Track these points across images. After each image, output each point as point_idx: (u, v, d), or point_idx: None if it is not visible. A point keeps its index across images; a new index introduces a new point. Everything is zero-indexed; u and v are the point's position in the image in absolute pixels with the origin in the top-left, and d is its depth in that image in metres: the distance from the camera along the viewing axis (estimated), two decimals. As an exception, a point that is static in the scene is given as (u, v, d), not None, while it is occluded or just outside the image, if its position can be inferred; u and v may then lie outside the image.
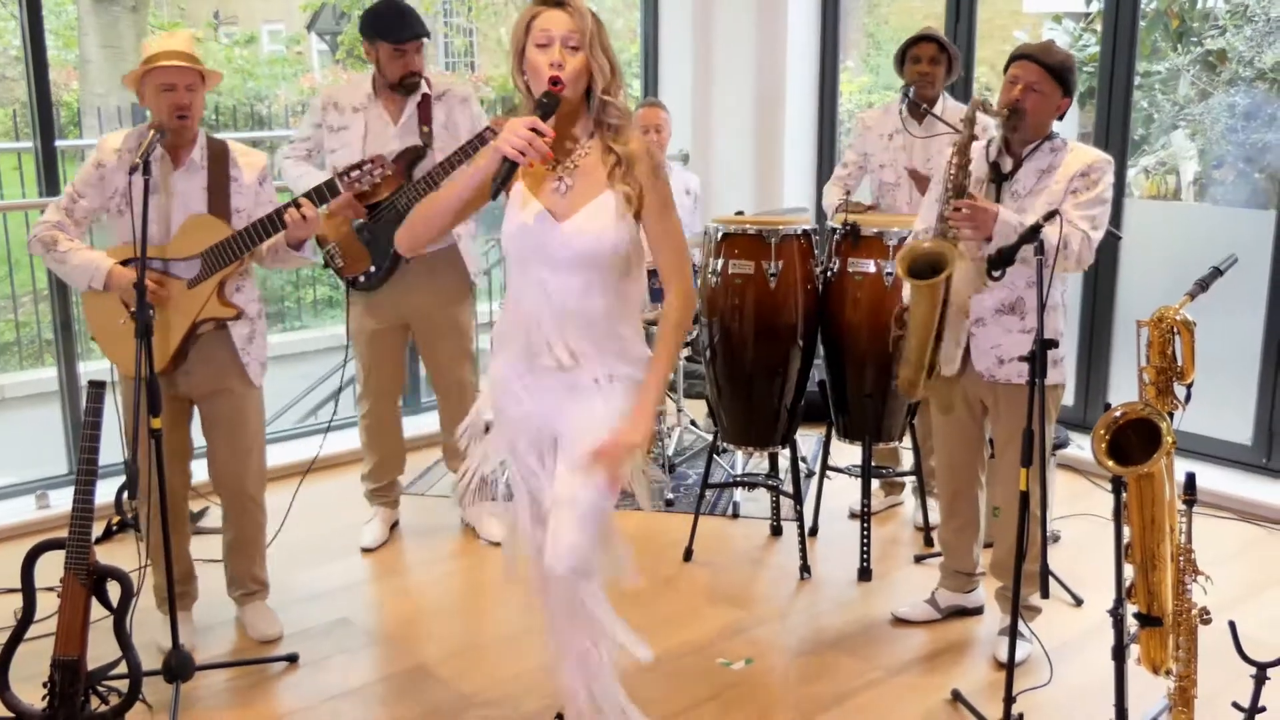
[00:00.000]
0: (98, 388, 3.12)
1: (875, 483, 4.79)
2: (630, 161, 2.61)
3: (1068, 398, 5.43)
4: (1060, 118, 3.46)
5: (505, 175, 2.51)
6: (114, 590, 3.13)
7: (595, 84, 2.59)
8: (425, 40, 4.19)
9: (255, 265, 3.61)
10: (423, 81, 4.20)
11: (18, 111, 9.23)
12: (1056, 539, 4.46)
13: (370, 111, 4.19)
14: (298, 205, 3.39)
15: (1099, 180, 3.31)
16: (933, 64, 4.42)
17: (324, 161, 4.26)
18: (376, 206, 4.12)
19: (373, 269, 4.20)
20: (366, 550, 4.46)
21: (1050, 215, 2.99)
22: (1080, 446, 4.63)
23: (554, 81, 2.54)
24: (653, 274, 4.80)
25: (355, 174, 3.54)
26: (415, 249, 2.80)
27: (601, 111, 2.62)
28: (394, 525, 4.64)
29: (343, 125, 4.20)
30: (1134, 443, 2.87)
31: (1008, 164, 3.43)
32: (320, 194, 3.49)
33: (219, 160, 3.50)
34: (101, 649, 3.17)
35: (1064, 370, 3.55)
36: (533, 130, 2.47)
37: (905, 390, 3.61)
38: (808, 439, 5.24)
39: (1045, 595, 3.04)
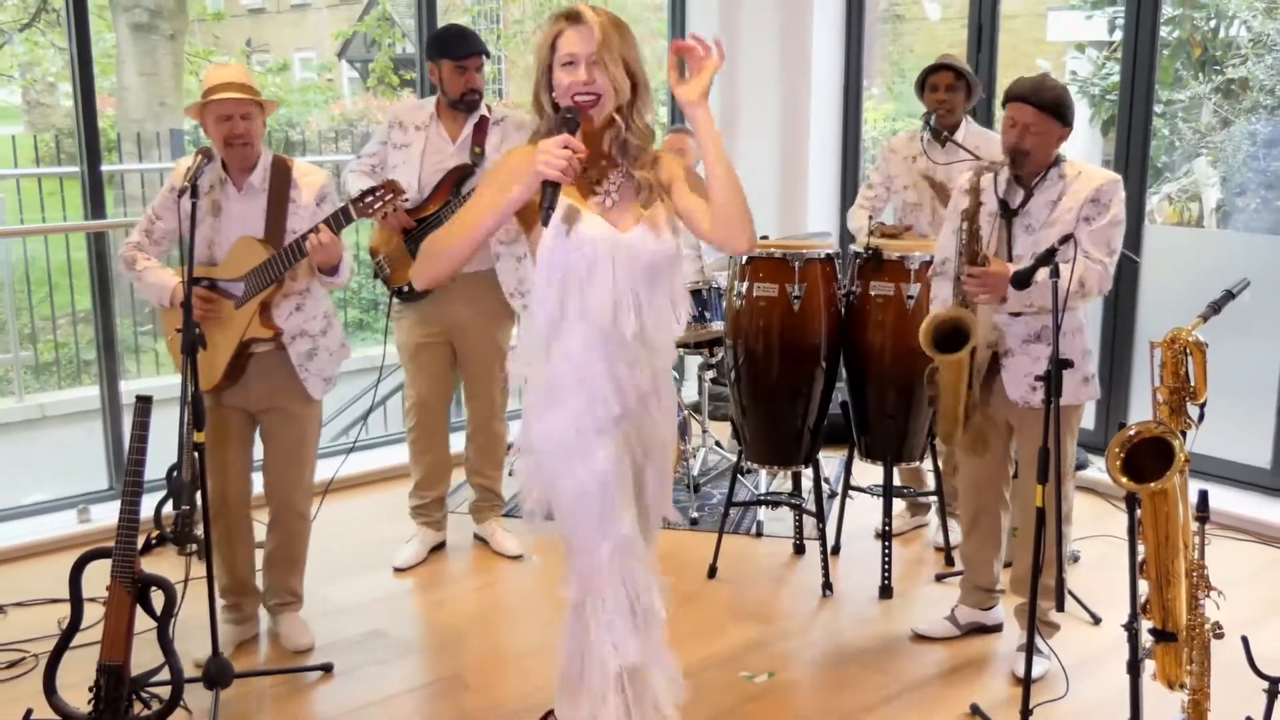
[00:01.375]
0: (145, 402, 3.24)
1: (901, 504, 4.87)
2: (657, 184, 2.62)
3: (1088, 421, 5.50)
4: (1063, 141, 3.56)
5: (551, 199, 2.44)
6: (157, 599, 3.25)
7: (609, 102, 2.56)
8: (485, 59, 4.37)
9: (316, 285, 3.71)
10: (483, 104, 4.38)
11: (59, 137, 9.42)
12: (1076, 559, 4.53)
13: (431, 130, 4.37)
14: (317, 231, 3.50)
15: (1110, 204, 3.42)
16: (950, 91, 4.52)
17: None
18: (424, 220, 4.27)
19: None
20: (399, 570, 4.52)
21: (1066, 239, 3.08)
22: (1100, 469, 4.69)
23: (582, 99, 2.53)
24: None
25: (368, 199, 3.61)
26: (434, 282, 2.72)
27: (625, 131, 2.59)
28: (437, 547, 4.69)
29: (405, 143, 4.38)
30: (1149, 462, 2.94)
31: (1017, 197, 3.53)
32: (336, 220, 3.59)
33: (280, 181, 3.64)
34: (144, 656, 3.29)
35: (1095, 387, 3.63)
36: (567, 147, 2.44)
37: (945, 441, 3.82)
38: (831, 461, 5.31)
39: (1061, 608, 3.11)
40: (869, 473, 4.62)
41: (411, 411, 4.59)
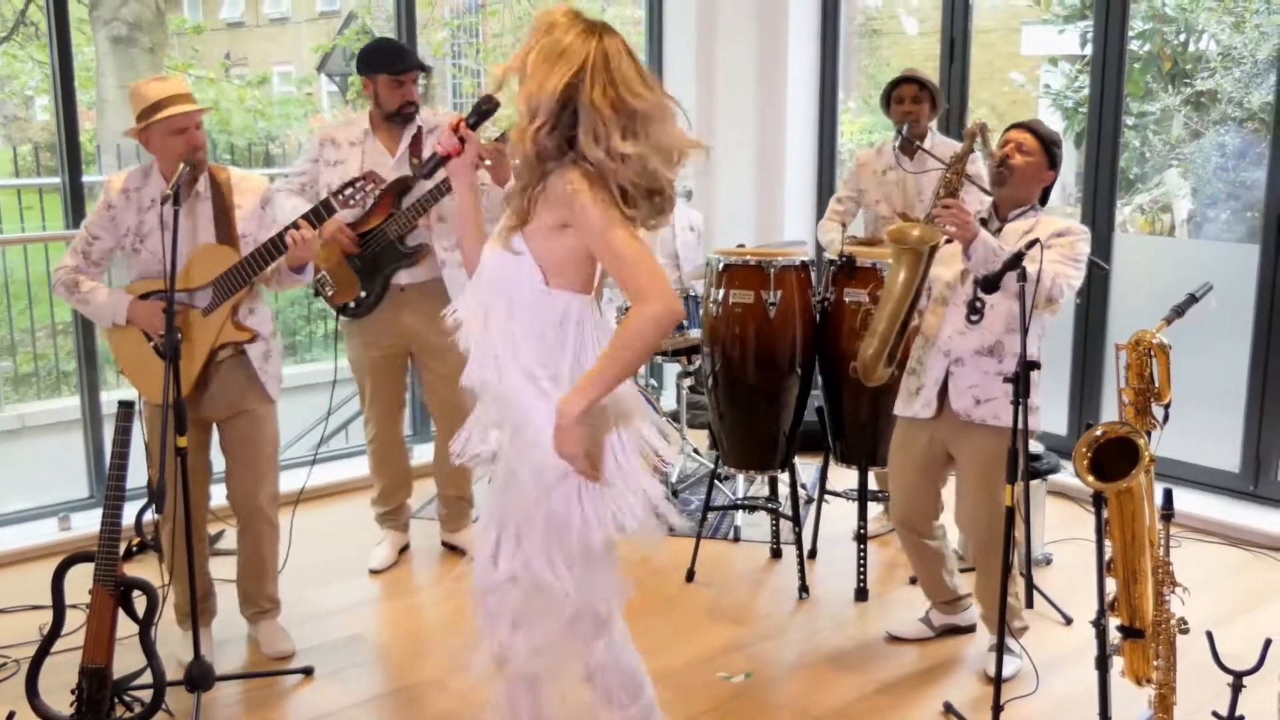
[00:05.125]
0: (127, 407, 3.27)
1: (878, 507, 4.94)
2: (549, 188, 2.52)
3: (1060, 427, 5.59)
4: (1045, 198, 3.64)
5: (429, 164, 2.67)
6: (139, 604, 3.28)
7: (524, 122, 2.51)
8: (419, 73, 4.39)
9: (263, 288, 3.75)
10: (417, 115, 4.39)
11: (37, 150, 9.42)
12: (1048, 562, 4.59)
13: (367, 145, 4.37)
14: (297, 227, 3.53)
15: (1074, 242, 3.50)
16: (915, 103, 4.64)
17: (317, 196, 4.38)
18: (368, 234, 4.29)
19: (363, 294, 4.36)
20: (374, 572, 4.59)
21: (1031, 244, 3.15)
22: (1071, 472, 4.76)
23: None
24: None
25: (349, 191, 3.64)
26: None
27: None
28: (404, 549, 4.77)
29: (340, 160, 4.36)
30: (1115, 462, 3.01)
31: (994, 226, 3.61)
32: (317, 214, 3.61)
33: (221, 189, 3.64)
34: (125, 660, 3.31)
35: (1039, 418, 3.66)
36: (451, 126, 2.59)
37: (865, 371, 3.73)
38: (808, 467, 5.37)
39: (1030, 605, 3.17)
40: (845, 477, 4.68)
41: (370, 425, 4.64)
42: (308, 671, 3.76)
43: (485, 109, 2.59)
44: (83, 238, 3.64)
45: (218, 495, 3.96)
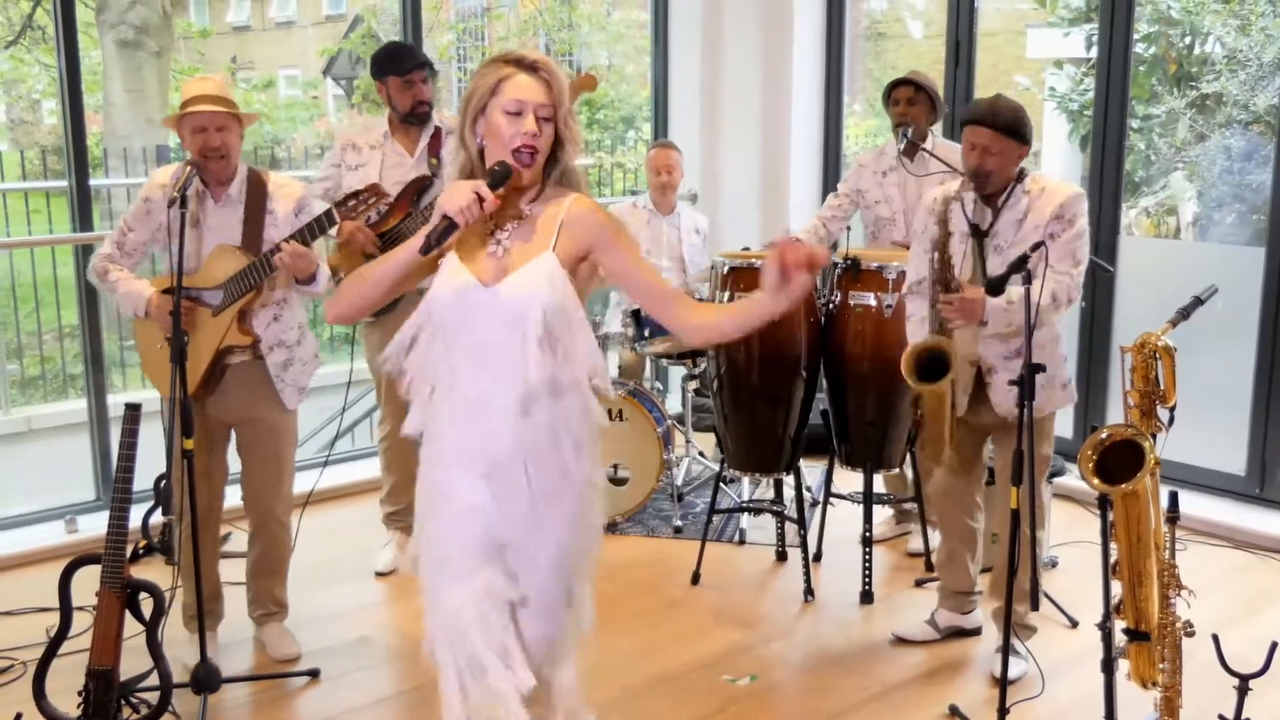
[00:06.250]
0: (134, 410, 3.28)
1: (887, 511, 4.95)
2: (575, 219, 2.44)
3: (1065, 429, 5.59)
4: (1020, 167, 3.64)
5: (442, 234, 2.33)
6: (146, 606, 3.28)
7: (566, 153, 2.46)
8: (429, 72, 4.44)
9: (293, 295, 3.75)
10: (434, 116, 4.44)
11: (46, 153, 9.45)
12: (1054, 565, 4.59)
13: (387, 147, 4.43)
14: (288, 242, 3.53)
15: (1074, 219, 3.50)
16: (910, 105, 4.64)
17: None
18: (386, 234, 4.30)
19: None
20: (380, 574, 4.60)
21: (1036, 246, 3.15)
22: (1077, 475, 4.76)
23: (525, 153, 2.39)
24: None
25: (352, 203, 3.64)
26: (345, 318, 2.58)
27: (566, 177, 2.49)
28: None
29: (361, 163, 4.41)
30: (1121, 465, 3.01)
31: (986, 218, 3.60)
32: (319, 223, 3.62)
33: (257, 193, 3.68)
34: (132, 662, 3.32)
35: (1073, 391, 3.75)
36: (478, 195, 2.32)
37: (933, 461, 3.86)
38: (813, 470, 5.37)
39: (1035, 608, 3.17)
40: (850, 480, 4.68)
41: (386, 422, 4.65)
42: (314, 674, 3.77)
43: (501, 173, 2.39)
44: (119, 228, 3.73)
45: (234, 496, 3.97)
